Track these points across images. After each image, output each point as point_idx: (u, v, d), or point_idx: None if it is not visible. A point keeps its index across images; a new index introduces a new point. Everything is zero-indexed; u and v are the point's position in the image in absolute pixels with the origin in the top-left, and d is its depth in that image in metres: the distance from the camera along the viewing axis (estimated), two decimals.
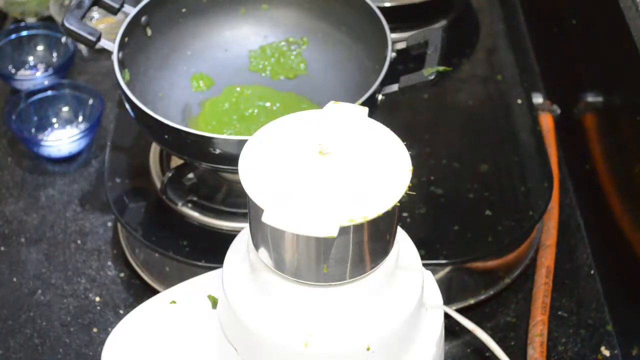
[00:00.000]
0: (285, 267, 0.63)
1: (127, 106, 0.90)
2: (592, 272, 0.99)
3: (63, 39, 1.19)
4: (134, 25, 0.95)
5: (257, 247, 0.65)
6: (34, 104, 1.11)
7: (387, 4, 1.13)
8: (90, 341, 0.93)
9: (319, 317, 0.65)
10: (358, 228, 0.60)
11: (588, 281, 0.98)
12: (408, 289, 0.68)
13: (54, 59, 1.20)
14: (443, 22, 1.18)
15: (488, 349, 0.81)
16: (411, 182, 0.61)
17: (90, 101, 1.11)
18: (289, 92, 1.00)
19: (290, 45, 1.03)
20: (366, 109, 0.67)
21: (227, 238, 0.73)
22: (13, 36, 1.20)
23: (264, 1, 1.03)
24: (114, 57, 0.91)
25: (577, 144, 1.08)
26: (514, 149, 1.03)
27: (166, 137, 0.86)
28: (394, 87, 0.89)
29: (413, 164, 0.63)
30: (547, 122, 1.10)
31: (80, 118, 1.12)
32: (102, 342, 0.74)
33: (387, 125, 0.66)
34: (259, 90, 1.00)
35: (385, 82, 0.89)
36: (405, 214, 0.95)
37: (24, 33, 1.20)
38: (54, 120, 1.12)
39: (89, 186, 1.07)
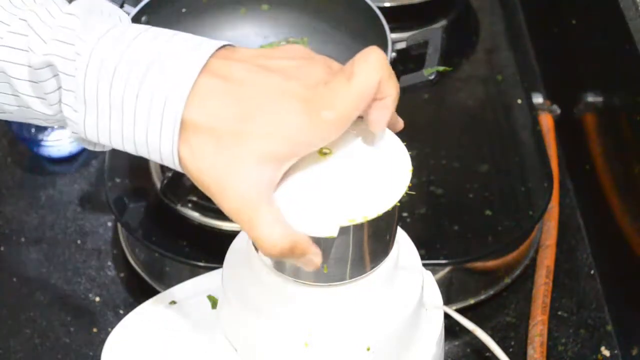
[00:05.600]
0: (285, 268, 0.63)
1: None
2: (592, 272, 0.99)
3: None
4: None
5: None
6: None
7: (387, 4, 1.13)
8: (90, 341, 0.93)
9: (319, 317, 0.65)
10: (358, 228, 0.60)
11: (588, 281, 0.98)
12: (408, 289, 0.68)
13: None
14: (443, 22, 1.18)
15: (488, 349, 0.81)
16: (411, 182, 0.61)
17: None
18: None
19: None
20: None
21: (227, 238, 0.72)
22: None
23: (264, 1, 1.03)
24: None
25: (577, 144, 1.08)
26: (514, 149, 1.03)
27: None
28: None
29: (413, 164, 0.63)
30: (547, 122, 1.10)
31: None
32: (102, 342, 0.74)
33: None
34: None
35: None
36: (405, 214, 0.95)
37: None
38: None
39: (89, 186, 1.07)
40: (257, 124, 0.55)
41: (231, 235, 0.73)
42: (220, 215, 0.93)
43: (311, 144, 0.57)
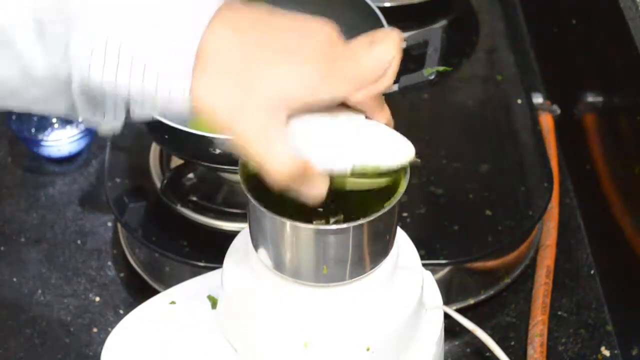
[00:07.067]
0: (285, 268, 0.63)
1: None
2: (592, 272, 0.99)
3: None
4: None
5: (256, 247, 0.65)
6: None
7: (387, 4, 1.13)
8: (90, 341, 0.93)
9: (319, 318, 0.65)
10: (357, 227, 0.60)
11: (588, 281, 0.98)
12: (408, 289, 0.68)
13: None
14: (443, 22, 1.18)
15: (488, 349, 0.81)
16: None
17: None
18: None
19: None
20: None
21: (227, 238, 0.73)
22: None
23: (263, 1, 1.03)
24: None
25: (577, 144, 1.08)
26: (514, 149, 1.03)
27: (166, 137, 0.86)
28: (394, 87, 0.88)
29: None
30: (547, 122, 1.10)
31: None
32: (102, 342, 0.74)
33: None
34: None
35: None
36: (405, 214, 0.95)
37: None
38: (54, 120, 1.12)
39: (89, 186, 1.07)
40: (273, 70, 0.55)
41: (231, 235, 0.73)
42: (220, 215, 0.93)
43: (319, 100, 0.57)
